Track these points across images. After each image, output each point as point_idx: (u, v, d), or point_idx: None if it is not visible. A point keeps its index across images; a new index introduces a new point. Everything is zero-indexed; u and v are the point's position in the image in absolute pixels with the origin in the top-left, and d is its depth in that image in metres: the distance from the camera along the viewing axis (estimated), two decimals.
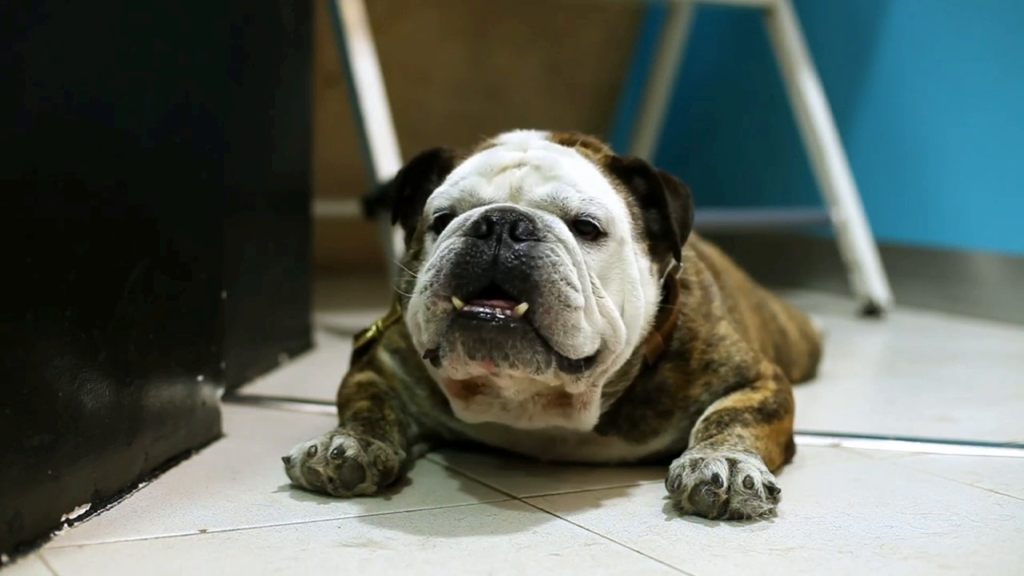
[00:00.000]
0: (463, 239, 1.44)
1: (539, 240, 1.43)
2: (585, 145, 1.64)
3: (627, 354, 1.55)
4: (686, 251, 1.73)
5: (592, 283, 1.47)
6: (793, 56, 3.62)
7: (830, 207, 3.56)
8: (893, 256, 3.65)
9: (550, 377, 1.45)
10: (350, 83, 2.96)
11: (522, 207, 1.47)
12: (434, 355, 1.47)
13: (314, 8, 2.74)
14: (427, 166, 1.65)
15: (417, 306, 1.46)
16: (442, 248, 1.45)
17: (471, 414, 1.58)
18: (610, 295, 1.50)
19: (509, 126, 1.70)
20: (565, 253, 1.45)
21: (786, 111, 3.83)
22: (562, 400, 1.55)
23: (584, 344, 1.45)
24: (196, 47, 1.75)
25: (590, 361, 1.48)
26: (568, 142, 1.63)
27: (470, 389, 1.54)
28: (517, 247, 1.42)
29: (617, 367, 1.55)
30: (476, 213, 1.46)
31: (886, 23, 3.74)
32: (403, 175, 1.66)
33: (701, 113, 4.46)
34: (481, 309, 1.40)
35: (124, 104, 1.52)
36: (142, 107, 1.58)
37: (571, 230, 1.48)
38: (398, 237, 2.73)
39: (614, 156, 1.63)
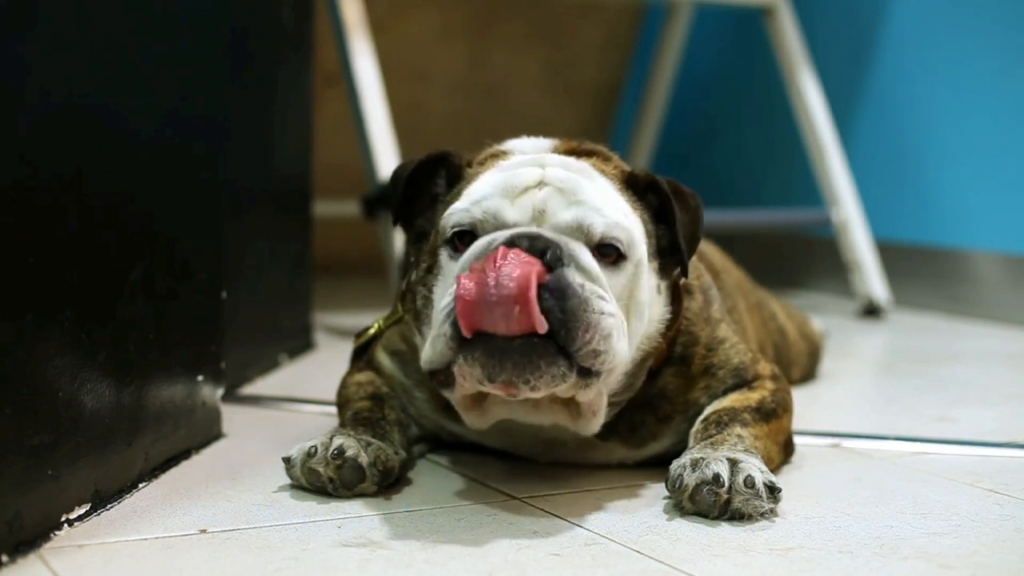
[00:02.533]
0: None
1: (566, 267, 1.42)
2: (594, 154, 1.62)
3: (621, 373, 1.53)
4: None
5: None
6: (793, 56, 3.62)
7: (830, 207, 3.56)
8: (893, 256, 3.65)
9: (570, 386, 1.43)
10: (350, 83, 2.96)
11: (548, 233, 1.45)
12: (442, 377, 1.46)
13: (314, 8, 2.74)
14: (432, 169, 1.63)
15: (437, 331, 1.43)
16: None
17: (484, 421, 1.56)
18: None
19: (509, 126, 1.70)
20: (592, 283, 1.43)
21: (786, 111, 3.83)
22: (570, 401, 1.52)
23: (619, 341, 1.44)
24: (196, 47, 1.75)
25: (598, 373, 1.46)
26: (576, 152, 1.61)
27: (478, 399, 1.52)
28: (547, 276, 1.40)
29: (617, 379, 1.54)
30: (501, 237, 1.44)
31: (886, 23, 3.74)
32: (408, 177, 1.63)
33: (701, 113, 4.46)
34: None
35: (124, 104, 1.52)
36: (142, 107, 1.58)
37: (593, 255, 1.47)
38: (398, 237, 2.73)
39: (629, 172, 1.61)
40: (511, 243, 1.41)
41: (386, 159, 2.87)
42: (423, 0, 4.02)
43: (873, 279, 3.47)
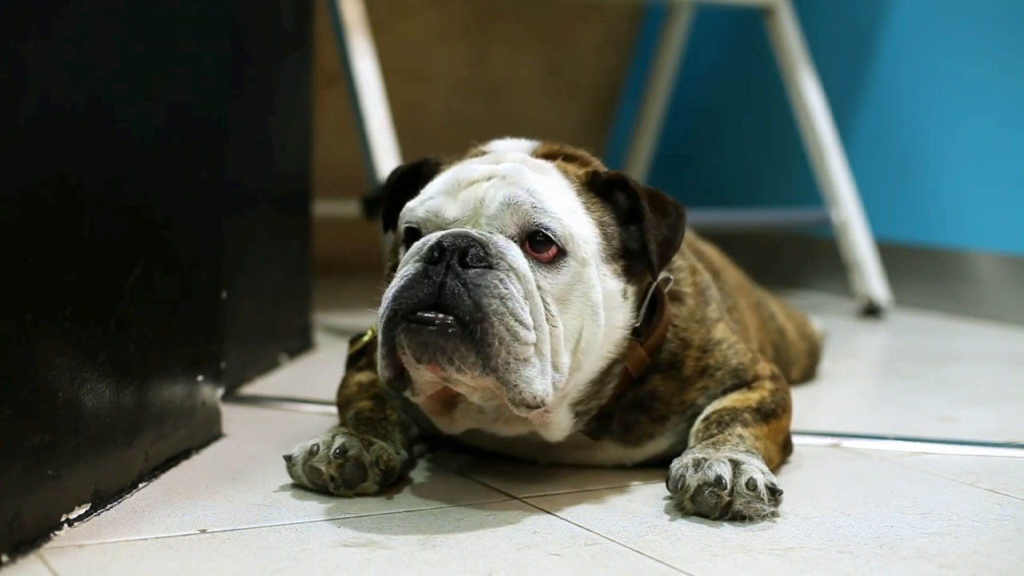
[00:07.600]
0: (416, 265, 1.45)
1: (489, 267, 1.42)
2: (571, 159, 1.61)
3: (582, 381, 1.53)
4: (680, 259, 1.71)
5: (547, 310, 1.45)
6: (793, 56, 3.62)
7: (830, 207, 3.56)
8: (893, 256, 3.65)
9: (493, 383, 1.42)
10: (350, 83, 2.96)
11: (475, 232, 1.46)
12: (399, 383, 1.47)
13: (314, 8, 2.74)
14: (419, 173, 1.64)
15: (381, 338, 1.46)
16: (399, 275, 1.46)
17: (456, 426, 1.58)
18: (569, 319, 1.47)
19: (509, 126, 1.70)
20: (516, 283, 1.43)
21: (786, 111, 3.83)
22: None
23: (534, 378, 1.42)
24: (196, 47, 1.75)
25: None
26: (554, 154, 1.61)
27: (447, 404, 1.54)
28: (466, 274, 1.41)
29: (575, 393, 1.53)
30: (433, 238, 1.46)
31: (886, 23, 3.74)
32: (395, 183, 1.65)
33: (701, 113, 4.46)
34: (423, 314, 1.40)
35: (124, 104, 1.52)
36: (142, 107, 1.58)
37: (527, 251, 1.46)
38: None
39: (595, 171, 1.59)
40: (438, 243, 1.43)
41: (386, 159, 2.86)
42: (423, 0, 4.02)
43: (873, 279, 3.47)
